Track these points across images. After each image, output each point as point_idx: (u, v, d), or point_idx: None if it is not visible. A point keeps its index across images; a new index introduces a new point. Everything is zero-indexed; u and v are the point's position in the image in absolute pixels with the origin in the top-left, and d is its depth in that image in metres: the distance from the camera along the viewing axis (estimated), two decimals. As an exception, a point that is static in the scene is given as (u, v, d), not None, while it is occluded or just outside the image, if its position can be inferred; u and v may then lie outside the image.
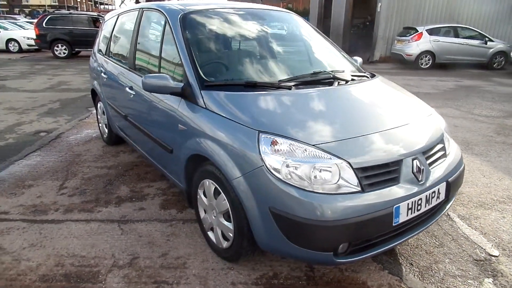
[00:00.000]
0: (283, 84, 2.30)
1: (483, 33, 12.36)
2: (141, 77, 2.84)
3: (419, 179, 1.95)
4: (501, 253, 2.37)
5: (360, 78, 2.65)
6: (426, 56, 11.99)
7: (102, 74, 3.83)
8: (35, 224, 2.69)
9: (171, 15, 2.66)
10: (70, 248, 2.39)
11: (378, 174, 1.84)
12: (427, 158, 2.06)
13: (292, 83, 2.32)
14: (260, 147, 1.82)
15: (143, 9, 3.18)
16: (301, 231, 1.75)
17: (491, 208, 2.95)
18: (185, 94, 2.30)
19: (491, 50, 11.98)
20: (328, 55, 2.98)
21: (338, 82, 2.43)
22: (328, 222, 1.70)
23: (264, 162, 1.79)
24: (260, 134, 1.86)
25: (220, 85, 2.25)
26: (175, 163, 2.52)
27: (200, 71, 2.30)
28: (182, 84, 2.29)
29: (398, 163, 1.91)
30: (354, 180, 1.77)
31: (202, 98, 2.19)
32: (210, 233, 2.35)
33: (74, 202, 3.01)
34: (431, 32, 12.02)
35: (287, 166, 1.77)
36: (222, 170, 1.97)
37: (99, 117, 4.46)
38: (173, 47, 2.57)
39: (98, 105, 4.37)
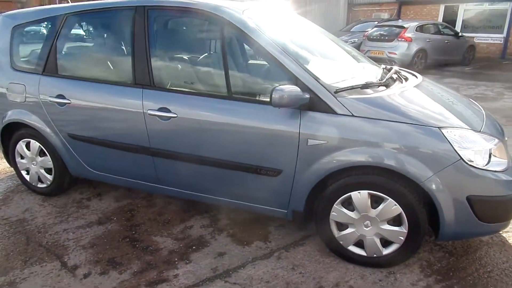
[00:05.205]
0: (381, 83, 2.33)
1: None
2: (196, 95, 2.31)
3: None
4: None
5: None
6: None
7: (52, 99, 2.71)
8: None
9: (233, 17, 2.21)
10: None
11: None
12: None
13: (384, 81, 2.37)
14: (451, 142, 1.87)
15: (147, 8, 2.44)
16: (496, 209, 1.95)
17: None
18: (312, 104, 2.03)
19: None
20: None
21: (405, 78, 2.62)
22: (517, 193, 1.95)
23: (460, 155, 1.86)
24: (442, 129, 1.90)
25: (347, 89, 2.09)
26: (284, 185, 2.19)
27: (321, 77, 2.08)
28: (308, 95, 2.01)
29: None
30: (507, 155, 2.07)
31: (344, 106, 1.99)
32: (353, 248, 2.20)
33: (124, 279, 2.15)
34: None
35: (475, 153, 1.90)
36: (408, 175, 1.90)
37: (24, 161, 3.12)
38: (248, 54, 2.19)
39: (20, 146, 3.06)
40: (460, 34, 11.05)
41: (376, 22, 12.74)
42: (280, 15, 2.74)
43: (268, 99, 2.10)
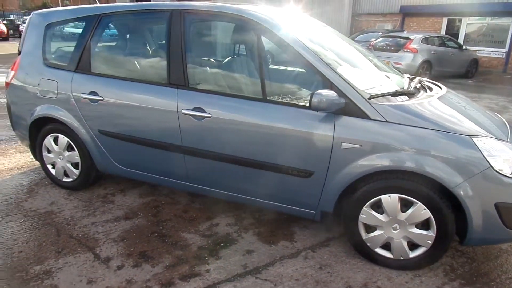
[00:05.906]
0: (410, 91, 2.42)
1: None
2: (226, 96, 2.39)
3: None
4: None
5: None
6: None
7: (85, 95, 2.78)
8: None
9: (269, 23, 2.30)
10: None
11: None
12: None
13: (412, 90, 2.46)
14: (481, 150, 1.96)
15: (183, 12, 2.52)
16: (523, 216, 2.03)
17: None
18: (347, 109, 2.11)
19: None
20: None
21: (429, 88, 2.71)
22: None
23: (489, 163, 1.95)
24: (472, 138, 1.99)
25: (379, 95, 2.18)
26: (315, 187, 2.27)
27: (355, 83, 2.16)
28: (343, 100, 2.09)
29: None
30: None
31: (378, 112, 2.08)
32: (379, 250, 2.27)
33: (157, 272, 2.21)
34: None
35: (504, 161, 1.99)
36: (439, 180, 1.98)
37: (50, 156, 3.18)
38: (283, 58, 2.28)
39: (48, 140, 3.11)
40: (464, 47, 11.25)
41: (380, 33, 12.92)
42: (310, 22, 2.84)
43: (303, 103, 2.21)
